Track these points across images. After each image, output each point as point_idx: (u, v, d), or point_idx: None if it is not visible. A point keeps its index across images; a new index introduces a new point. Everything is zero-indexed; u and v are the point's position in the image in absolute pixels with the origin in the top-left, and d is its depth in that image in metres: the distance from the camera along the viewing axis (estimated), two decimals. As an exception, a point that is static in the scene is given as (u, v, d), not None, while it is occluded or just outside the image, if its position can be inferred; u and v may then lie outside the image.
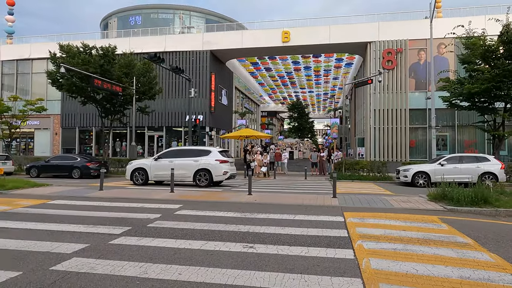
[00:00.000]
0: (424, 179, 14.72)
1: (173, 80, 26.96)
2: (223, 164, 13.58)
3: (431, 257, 4.56)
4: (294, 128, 47.98)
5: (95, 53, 20.67)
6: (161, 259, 4.42)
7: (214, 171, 13.38)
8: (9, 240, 5.27)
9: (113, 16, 44.59)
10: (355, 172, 18.57)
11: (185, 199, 9.82)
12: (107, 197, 10.15)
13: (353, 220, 6.87)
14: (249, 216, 7.30)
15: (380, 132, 23.43)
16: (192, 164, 13.58)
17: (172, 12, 41.22)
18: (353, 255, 4.61)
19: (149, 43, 27.08)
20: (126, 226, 6.30)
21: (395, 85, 23.44)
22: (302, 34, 25.28)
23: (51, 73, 20.46)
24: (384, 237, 5.53)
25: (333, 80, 41.94)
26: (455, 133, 22.97)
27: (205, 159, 13.57)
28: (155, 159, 14.27)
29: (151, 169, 14.05)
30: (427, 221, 6.86)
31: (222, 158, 13.71)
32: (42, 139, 29.46)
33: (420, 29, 22.67)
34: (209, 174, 13.43)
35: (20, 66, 29.95)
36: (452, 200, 8.66)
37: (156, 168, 13.91)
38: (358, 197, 10.33)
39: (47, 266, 4.12)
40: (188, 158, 13.74)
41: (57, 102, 28.87)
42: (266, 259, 4.46)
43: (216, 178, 13.47)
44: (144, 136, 27.73)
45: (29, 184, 12.39)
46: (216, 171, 13.40)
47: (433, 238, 5.52)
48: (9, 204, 8.74)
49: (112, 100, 21.16)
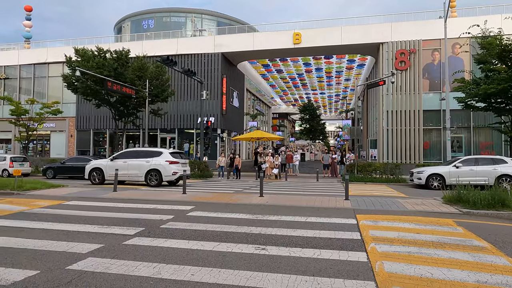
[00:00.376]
0: (438, 181, 14.46)
1: (185, 83, 27.22)
2: (173, 165, 13.99)
3: (447, 260, 4.47)
4: (305, 130, 47.89)
5: (109, 56, 21.06)
6: (174, 260, 4.46)
7: (163, 171, 13.85)
8: (27, 240, 5.40)
9: (126, 20, 45.36)
10: (368, 174, 18.37)
11: (197, 200, 9.89)
12: (121, 198, 10.30)
13: (366, 223, 6.80)
14: (261, 218, 7.30)
15: (393, 134, 23.13)
16: (144, 165, 14.07)
17: (184, 15, 41.71)
18: (366, 258, 4.56)
19: (161, 46, 27.42)
20: (140, 227, 6.39)
21: (408, 86, 23.12)
22: (314, 36, 25.20)
23: (66, 76, 20.93)
24: (398, 240, 5.46)
25: (345, 82, 41.65)
26: (470, 135, 22.49)
27: (156, 160, 14.03)
28: (111, 160, 14.75)
29: (107, 169, 14.45)
30: (442, 224, 6.74)
31: (172, 159, 14.12)
32: (58, 141, 30.12)
33: (434, 29, 22.33)
34: (159, 174, 13.90)
35: (37, 70, 30.72)
36: (468, 203, 8.48)
37: (111, 168, 14.11)
38: (371, 199, 10.22)
39: (63, 266, 4.21)
40: (140, 159, 14.22)
41: (72, 105, 29.49)
42: (278, 261, 4.45)
43: (166, 178, 13.92)
44: (157, 138, 28.05)
45: (45, 185, 12.68)
46: (165, 171, 13.85)
47: (449, 242, 5.42)
48: (27, 204, 8.96)
49: (125, 103, 21.50)
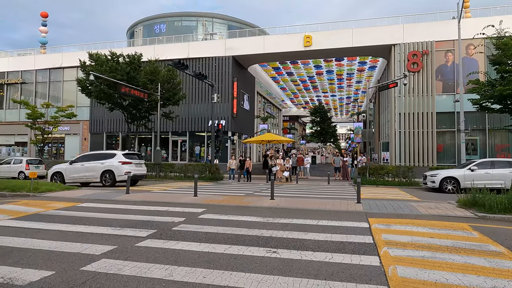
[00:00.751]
0: (453, 184, 14.20)
1: (197, 86, 27.45)
2: (125, 165, 14.83)
3: (462, 266, 4.38)
4: (316, 133, 47.65)
5: (122, 60, 21.40)
6: (186, 262, 4.49)
7: (116, 171, 14.68)
8: (42, 241, 5.51)
9: (138, 24, 46.10)
10: (380, 177, 18.16)
11: (208, 203, 9.93)
12: (133, 200, 10.42)
13: (378, 226, 6.72)
14: (272, 221, 7.29)
15: (406, 136, 22.83)
16: (99, 166, 14.93)
17: (195, 19, 42.16)
18: (379, 262, 4.50)
19: (173, 50, 27.75)
20: (152, 229, 6.45)
21: (421, 88, 22.82)
22: (325, 38, 25.13)
23: (81, 80, 21.34)
24: (411, 244, 5.38)
25: (356, 84, 41.35)
26: (485, 137, 22.03)
27: (109, 161, 14.91)
28: (70, 163, 15.51)
29: (66, 172, 15.23)
30: (457, 229, 6.61)
31: (125, 160, 14.97)
32: (72, 144, 30.70)
33: (447, 30, 22.02)
34: (113, 175, 14.71)
35: (53, 74, 31.42)
36: (484, 207, 8.30)
37: (70, 171, 15.11)
38: (383, 202, 10.10)
39: (77, 267, 4.28)
40: (96, 161, 15.10)
41: (86, 109, 30.04)
42: (290, 264, 4.44)
43: (119, 178, 14.67)
44: (168, 141, 28.32)
45: (60, 187, 12.93)
46: (118, 172, 14.68)
47: (464, 246, 5.31)
48: (42, 206, 9.15)
49: (138, 106, 21.79)
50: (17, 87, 32.38)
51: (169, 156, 28.14)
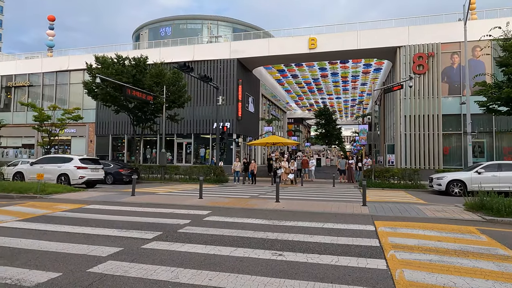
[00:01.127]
0: (459, 187, 14.07)
1: (202, 88, 27.54)
2: (80, 170, 15.61)
3: (470, 270, 4.33)
4: (321, 135, 47.54)
5: (128, 63, 21.54)
6: (192, 264, 4.49)
7: (71, 175, 15.45)
8: (49, 243, 5.55)
9: (144, 28, 46.46)
10: (385, 180, 18.06)
11: (213, 205, 9.94)
12: (139, 202, 10.46)
13: (384, 229, 6.67)
14: (277, 223, 7.28)
15: (411, 139, 22.68)
16: (56, 169, 15.68)
17: (200, 22, 42.39)
18: (386, 266, 4.47)
19: (178, 53, 27.88)
20: (158, 231, 6.47)
21: (427, 90, 22.67)
22: (329, 41, 25.10)
23: (87, 83, 21.52)
24: (418, 248, 5.33)
25: (361, 86, 41.20)
26: (493, 140, 21.80)
27: (66, 165, 15.67)
28: (30, 164, 16.31)
29: (27, 172, 16.09)
30: (465, 232, 6.55)
31: (80, 165, 15.71)
32: (78, 146, 30.93)
33: (453, 32, 21.89)
34: (68, 178, 15.45)
35: (59, 77, 31.73)
36: (492, 210, 8.21)
37: (29, 172, 15.97)
38: (389, 205, 10.03)
39: (84, 268, 4.30)
40: (54, 164, 15.87)
41: (92, 111, 30.27)
42: (296, 267, 4.42)
43: (73, 181, 15.37)
44: (173, 143, 28.42)
45: (66, 189, 13.03)
46: (73, 176, 15.44)
47: (472, 250, 5.26)
48: (49, 208, 9.22)
49: (143, 109, 21.91)
50: (24, 90, 32.74)
51: (174, 159, 28.24)
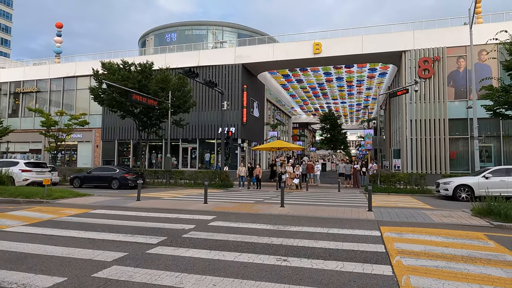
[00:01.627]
0: (466, 192, 13.91)
1: (207, 94, 27.66)
2: (25, 173, 17.13)
3: (478, 276, 4.27)
4: (326, 140, 47.39)
5: (134, 69, 21.72)
6: (196, 270, 4.49)
7: (16, 177, 16.84)
8: (55, 247, 5.59)
9: (150, 34, 46.94)
10: (391, 185, 17.90)
11: (218, 210, 9.93)
12: (144, 207, 10.49)
13: (390, 235, 6.61)
14: (282, 228, 7.25)
15: (417, 143, 22.51)
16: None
17: (206, 28, 42.73)
18: (391, 272, 4.43)
19: (183, 58, 28.06)
20: (162, 236, 6.47)
21: (433, 94, 22.54)
22: (334, 45, 25.12)
23: (93, 89, 21.73)
24: (425, 254, 5.27)
25: (367, 91, 41.08)
26: (500, 144, 21.57)
27: (12, 168, 16.94)
28: None
29: None
30: (472, 238, 6.46)
31: (25, 168, 17.28)
32: (85, 151, 31.17)
33: (458, 36, 21.80)
34: (12, 180, 16.55)
35: (66, 83, 32.09)
36: (500, 215, 8.10)
37: None
38: (395, 211, 9.95)
39: (89, 273, 4.32)
40: (3, 168, 16.65)
41: (99, 116, 30.52)
42: (301, 273, 4.39)
43: (17, 183, 16.54)
44: (179, 148, 28.51)
45: (72, 194, 13.12)
46: (17, 178, 16.86)
47: (479, 256, 5.18)
48: (55, 213, 9.28)
49: (149, 114, 22.05)
50: (32, 96, 33.15)
51: (179, 163, 28.31)
